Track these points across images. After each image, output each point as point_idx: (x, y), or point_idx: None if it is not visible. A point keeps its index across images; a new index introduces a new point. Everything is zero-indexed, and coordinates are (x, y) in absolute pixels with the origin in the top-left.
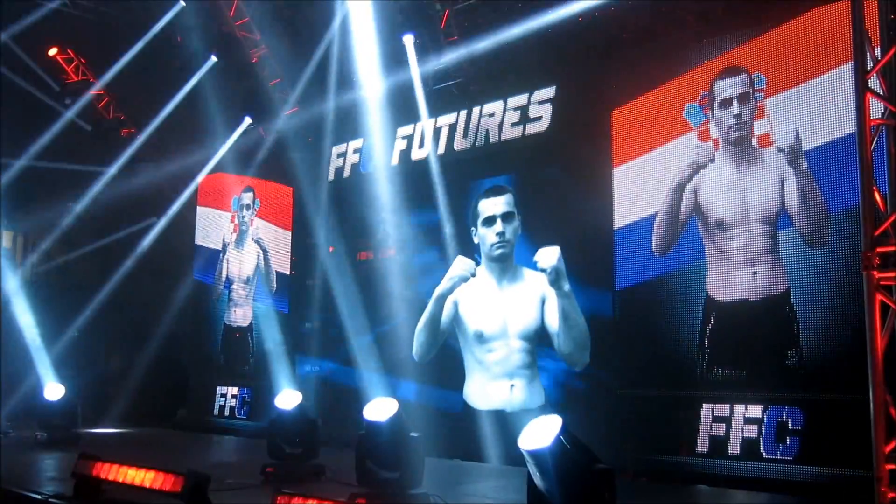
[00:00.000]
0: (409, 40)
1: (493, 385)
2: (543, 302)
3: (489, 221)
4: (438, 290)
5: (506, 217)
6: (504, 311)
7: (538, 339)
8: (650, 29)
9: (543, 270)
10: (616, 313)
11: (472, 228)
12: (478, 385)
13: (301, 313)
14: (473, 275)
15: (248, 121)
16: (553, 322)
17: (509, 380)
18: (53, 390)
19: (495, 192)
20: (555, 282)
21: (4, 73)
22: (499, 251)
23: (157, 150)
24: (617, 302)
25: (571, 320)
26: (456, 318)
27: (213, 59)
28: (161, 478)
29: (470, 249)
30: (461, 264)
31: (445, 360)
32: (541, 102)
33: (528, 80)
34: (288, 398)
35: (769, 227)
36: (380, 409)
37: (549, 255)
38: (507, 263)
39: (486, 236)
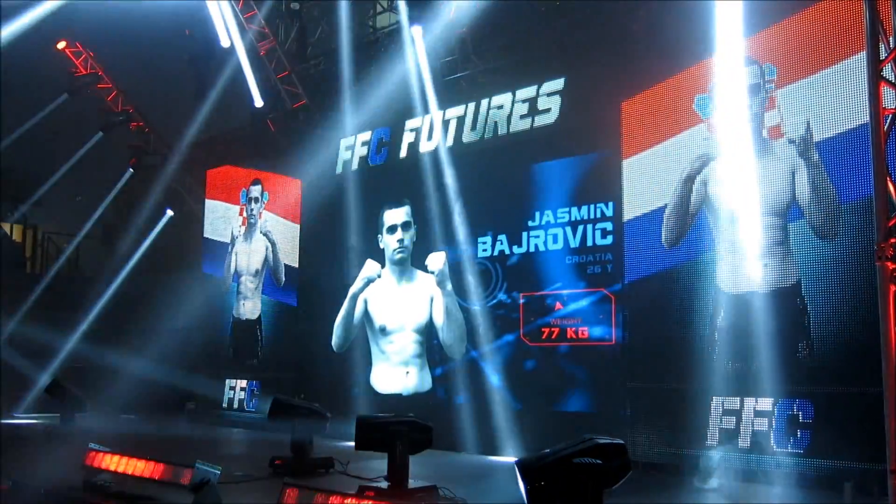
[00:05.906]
0: (417, 32)
1: (393, 371)
2: (432, 300)
3: (391, 230)
4: (352, 290)
5: (405, 226)
6: (402, 308)
7: (427, 332)
8: (659, 19)
9: (432, 273)
10: (625, 306)
11: (379, 236)
12: (381, 372)
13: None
14: (379, 275)
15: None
16: (438, 318)
17: (405, 367)
18: None
19: (396, 204)
20: (441, 283)
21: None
22: (399, 255)
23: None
24: (626, 294)
25: (452, 317)
26: (366, 314)
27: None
28: (170, 470)
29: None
30: (370, 267)
31: None
32: (550, 94)
33: (537, 71)
34: None
35: (780, 218)
36: None
37: (437, 260)
38: (406, 266)
39: (389, 243)
